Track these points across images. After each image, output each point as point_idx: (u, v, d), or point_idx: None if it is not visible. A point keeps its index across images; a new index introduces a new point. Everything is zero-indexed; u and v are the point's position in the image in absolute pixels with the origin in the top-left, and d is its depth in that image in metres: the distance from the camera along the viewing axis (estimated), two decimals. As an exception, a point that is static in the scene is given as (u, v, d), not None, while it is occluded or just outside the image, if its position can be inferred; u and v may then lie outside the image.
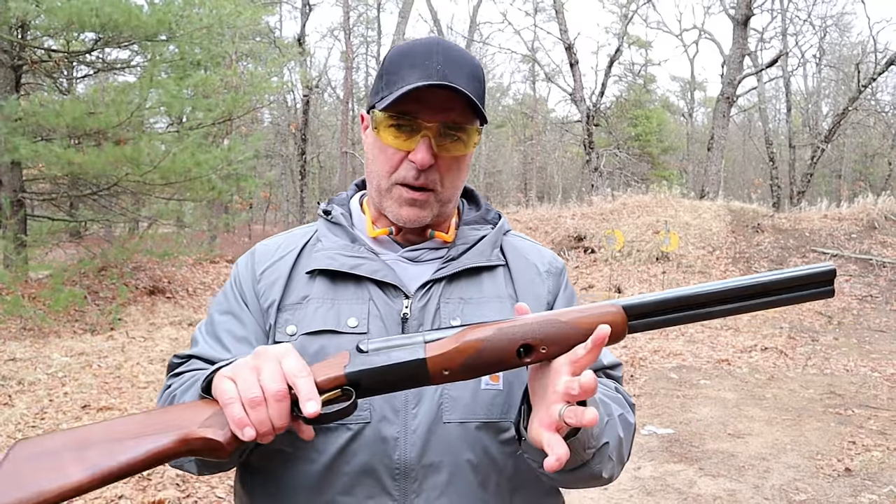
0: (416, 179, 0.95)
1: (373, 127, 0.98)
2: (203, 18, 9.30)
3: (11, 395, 5.31)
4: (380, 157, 0.98)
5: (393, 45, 0.79)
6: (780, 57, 19.74)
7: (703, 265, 12.68)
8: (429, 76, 0.91)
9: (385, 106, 0.93)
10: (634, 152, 25.94)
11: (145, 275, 10.14)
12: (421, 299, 0.97)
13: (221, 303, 1.04)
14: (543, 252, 1.11)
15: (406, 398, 0.92)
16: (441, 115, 0.93)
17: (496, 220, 1.11)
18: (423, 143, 0.93)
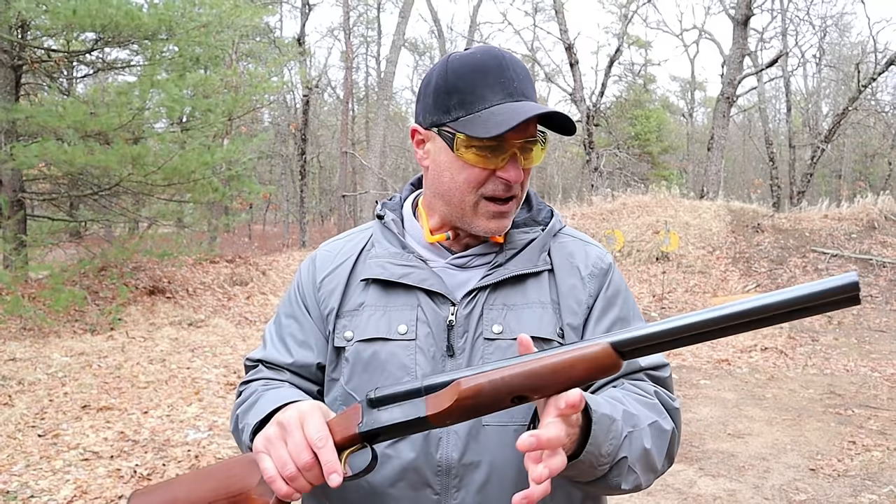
0: (506, 191, 0.99)
1: (453, 148, 0.98)
2: (202, 17, 9.30)
3: (11, 395, 5.31)
4: (462, 175, 0.99)
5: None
6: (780, 57, 19.74)
7: (703, 265, 12.68)
8: (510, 94, 0.96)
9: (483, 136, 0.94)
10: (634, 152, 25.93)
11: (145, 275, 10.14)
12: (466, 306, 1.01)
13: (286, 306, 1.13)
14: (589, 252, 1.10)
15: None
16: (523, 134, 0.96)
17: (547, 219, 1.12)
18: (512, 161, 0.97)
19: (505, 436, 0.97)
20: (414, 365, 0.99)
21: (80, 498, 3.55)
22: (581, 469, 0.83)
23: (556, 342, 1.00)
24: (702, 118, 36.88)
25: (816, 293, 0.65)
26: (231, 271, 11.68)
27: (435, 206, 1.05)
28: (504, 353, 0.99)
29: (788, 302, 0.66)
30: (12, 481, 3.70)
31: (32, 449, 4.19)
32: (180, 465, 3.99)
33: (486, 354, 1.00)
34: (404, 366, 0.99)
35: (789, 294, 0.66)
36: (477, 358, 1.00)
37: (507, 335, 0.99)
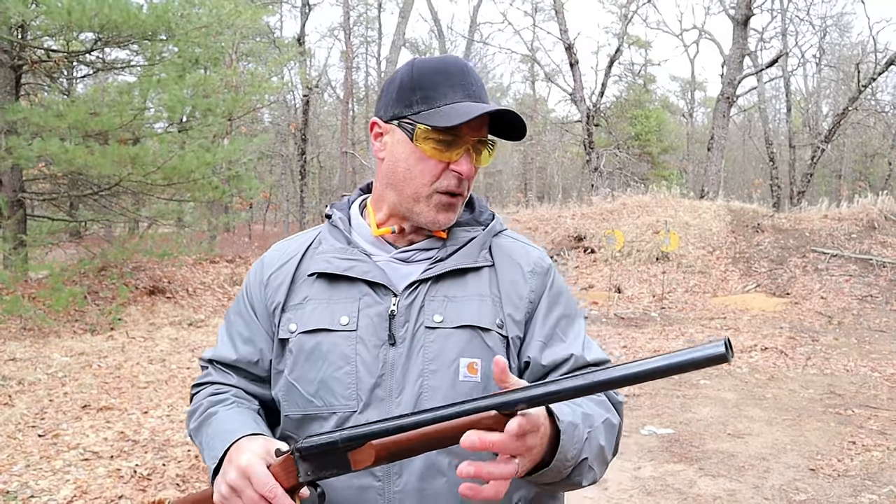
0: (458, 187, 1.06)
1: (412, 138, 1.04)
2: (202, 17, 9.30)
3: (11, 395, 5.31)
4: (418, 167, 1.05)
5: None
6: (780, 57, 19.74)
7: (703, 265, 12.68)
8: (469, 95, 1.04)
9: (421, 119, 1.03)
10: (634, 152, 25.94)
11: (145, 275, 10.14)
12: (408, 297, 1.05)
13: (235, 304, 1.18)
14: (530, 252, 1.16)
15: (391, 388, 1.01)
16: (478, 133, 1.04)
17: (488, 221, 1.17)
18: (466, 156, 1.04)
19: None
20: (354, 355, 1.02)
21: (80, 498, 3.55)
22: (547, 475, 0.87)
23: (496, 331, 1.05)
24: (702, 118, 36.90)
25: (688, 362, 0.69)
26: (231, 271, 11.68)
27: (385, 197, 1.11)
28: (445, 341, 1.03)
29: (662, 369, 0.71)
30: (12, 481, 3.70)
31: (32, 449, 4.19)
32: (180, 465, 3.99)
33: (427, 343, 1.03)
34: (345, 356, 1.02)
35: (664, 362, 0.71)
36: (418, 346, 1.03)
37: (448, 324, 1.03)
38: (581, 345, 1.08)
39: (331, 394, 1.03)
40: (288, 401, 1.06)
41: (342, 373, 1.02)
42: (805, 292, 11.29)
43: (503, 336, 1.05)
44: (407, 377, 1.01)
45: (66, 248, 10.79)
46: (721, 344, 0.67)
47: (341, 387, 1.02)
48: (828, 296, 11.02)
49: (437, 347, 1.03)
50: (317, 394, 1.03)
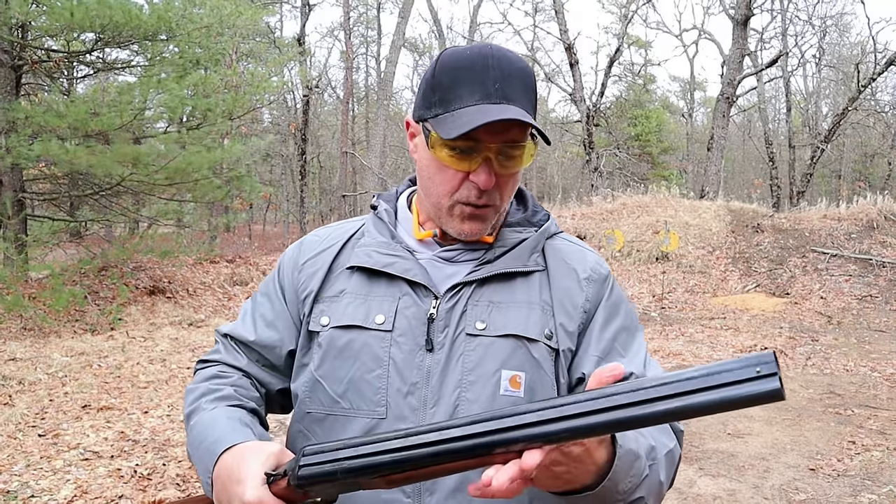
0: (479, 199, 0.95)
1: (429, 145, 0.95)
2: (203, 18, 9.30)
3: (12, 394, 5.32)
4: (438, 176, 0.97)
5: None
6: (780, 57, 19.74)
7: (703, 265, 12.68)
8: (488, 96, 0.91)
9: (450, 137, 0.91)
10: (634, 152, 25.95)
11: (145, 275, 10.15)
12: (449, 301, 0.97)
13: (265, 284, 1.12)
14: (587, 257, 1.07)
15: (425, 398, 0.94)
16: (500, 137, 0.91)
17: (543, 221, 1.07)
18: (484, 166, 0.93)
19: None
20: (387, 357, 0.95)
21: (80, 498, 3.55)
22: (590, 500, 0.78)
23: (543, 342, 0.96)
24: (702, 118, 36.90)
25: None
26: (231, 271, 11.68)
27: (422, 200, 1.03)
28: (486, 351, 0.95)
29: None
30: (13, 481, 3.70)
31: (33, 449, 4.20)
32: (180, 464, 3.99)
33: (468, 351, 0.95)
34: (377, 357, 0.96)
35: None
36: (457, 354, 0.95)
37: (491, 332, 0.95)
38: (642, 362, 0.98)
39: (359, 396, 0.96)
40: (311, 398, 1.00)
41: (373, 376, 0.95)
42: (805, 292, 11.29)
43: (552, 348, 0.97)
44: (443, 387, 0.94)
45: (67, 248, 10.80)
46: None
47: (371, 390, 0.95)
48: (827, 296, 11.02)
49: (477, 357, 0.95)
50: (345, 395, 0.97)
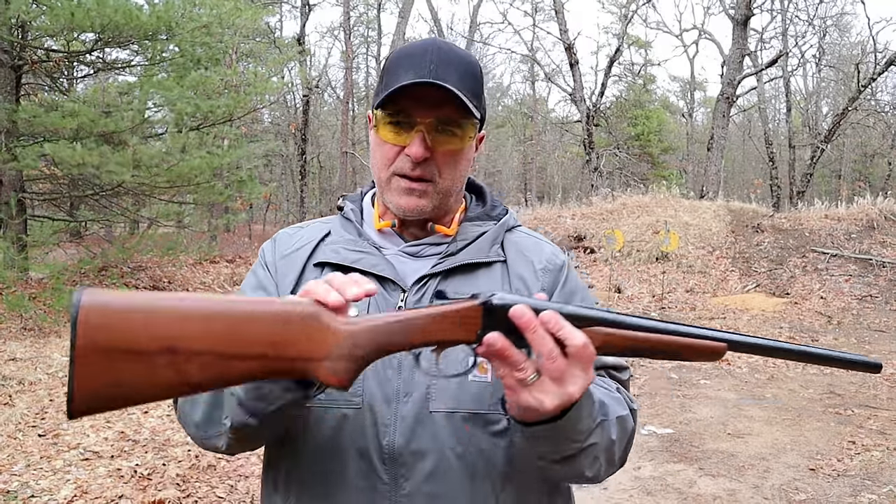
0: (413, 171, 0.99)
1: (373, 125, 1.02)
2: (203, 18, 9.30)
3: (12, 394, 5.32)
4: (378, 151, 1.03)
5: (393, 47, 0.83)
6: (780, 57, 19.74)
7: (703, 265, 12.68)
8: (421, 75, 0.95)
9: (379, 103, 0.98)
10: (634, 152, 25.94)
11: (146, 275, 10.15)
12: (416, 293, 1.01)
13: (250, 281, 1.12)
14: (544, 248, 1.12)
15: (398, 388, 0.97)
16: (434, 112, 0.97)
17: (501, 215, 1.12)
18: (417, 138, 0.97)
19: (453, 422, 0.95)
20: None
21: (80, 498, 3.55)
22: (554, 437, 0.83)
23: None
24: (702, 118, 36.89)
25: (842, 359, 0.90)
26: (231, 271, 11.69)
27: (377, 190, 1.08)
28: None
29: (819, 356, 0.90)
30: (13, 481, 3.70)
31: (33, 449, 4.20)
32: (180, 464, 3.99)
33: None
34: None
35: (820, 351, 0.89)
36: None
37: None
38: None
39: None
40: None
41: None
42: (805, 292, 11.29)
43: None
44: (414, 377, 0.97)
45: (67, 248, 10.80)
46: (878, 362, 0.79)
47: None
48: (827, 296, 11.02)
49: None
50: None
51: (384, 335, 0.71)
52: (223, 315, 0.64)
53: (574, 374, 0.76)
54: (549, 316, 0.74)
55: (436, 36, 0.99)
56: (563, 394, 0.76)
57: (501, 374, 0.76)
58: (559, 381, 0.75)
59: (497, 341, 0.73)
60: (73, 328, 0.57)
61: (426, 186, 1.01)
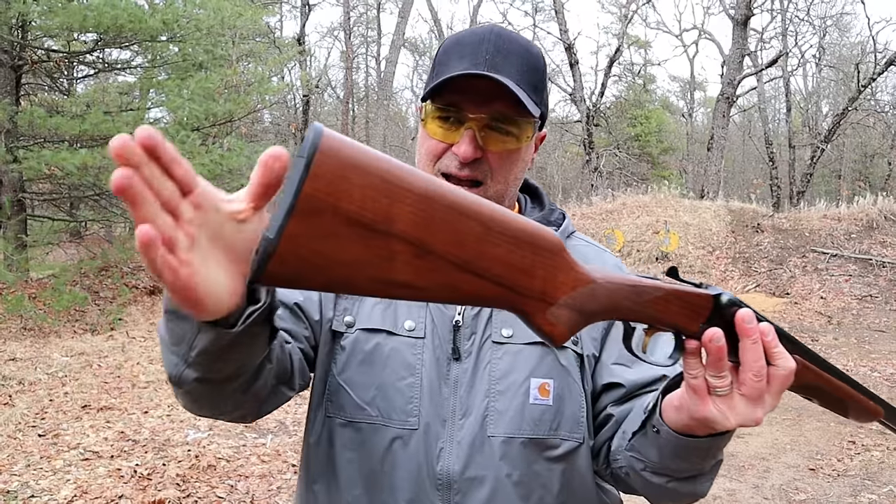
0: (460, 171, 0.90)
1: (421, 118, 0.94)
2: (204, 20, 9.30)
3: (12, 394, 5.32)
4: (423, 146, 0.94)
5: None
6: (780, 57, 19.75)
7: (703, 265, 12.68)
8: (475, 65, 0.88)
9: (427, 95, 0.90)
10: (634, 152, 25.94)
11: (146, 275, 10.15)
12: (474, 307, 0.94)
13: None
14: (606, 259, 1.04)
15: (454, 408, 0.91)
16: (487, 107, 0.89)
17: (560, 221, 1.04)
18: (466, 136, 0.89)
19: (511, 449, 0.90)
20: (420, 365, 0.92)
21: (80, 498, 3.55)
22: (705, 452, 0.76)
23: (571, 348, 0.94)
24: (702, 118, 36.88)
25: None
26: (231, 271, 11.67)
27: None
28: (514, 359, 0.92)
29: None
30: (13, 481, 3.71)
31: (33, 449, 4.20)
32: (180, 464, 3.99)
33: (494, 359, 0.92)
34: (409, 365, 0.92)
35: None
36: (484, 363, 0.92)
37: (518, 339, 0.93)
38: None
39: (389, 404, 0.91)
40: (333, 402, 0.94)
41: (405, 384, 0.91)
42: (805, 292, 11.29)
43: (578, 354, 0.95)
44: (471, 397, 0.91)
45: (67, 249, 10.80)
46: None
47: (402, 399, 0.91)
48: (827, 296, 11.02)
49: (505, 365, 0.92)
50: (373, 402, 0.92)
51: (620, 296, 0.62)
52: (482, 217, 0.51)
53: (767, 398, 0.68)
54: (769, 330, 0.66)
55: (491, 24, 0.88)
56: (749, 415, 0.68)
57: (695, 374, 0.67)
58: (753, 400, 0.67)
59: (721, 339, 0.64)
60: (306, 168, 0.44)
61: (475, 189, 0.91)
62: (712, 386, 0.67)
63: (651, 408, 0.80)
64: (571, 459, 0.93)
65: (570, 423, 0.93)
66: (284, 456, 4.24)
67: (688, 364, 0.68)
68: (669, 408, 0.75)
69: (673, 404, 0.74)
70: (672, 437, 0.76)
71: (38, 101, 10.56)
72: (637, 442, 0.85)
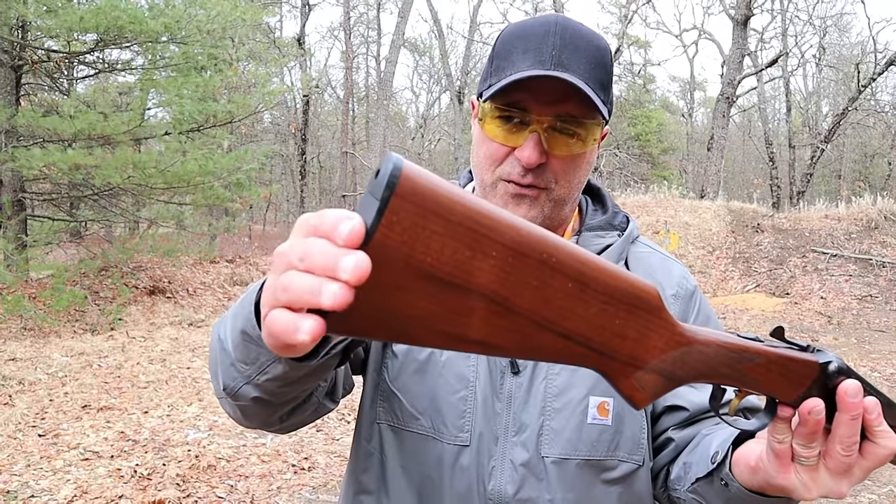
0: (523, 177, 0.84)
1: (479, 117, 0.87)
2: (204, 21, 9.30)
3: (12, 394, 5.32)
4: (482, 148, 0.87)
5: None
6: (780, 57, 19.75)
7: (703, 265, 12.68)
8: (541, 62, 0.80)
9: (490, 96, 0.83)
10: (634, 152, 25.95)
11: (146, 275, 10.15)
12: None
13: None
14: (672, 269, 0.98)
15: (507, 425, 0.86)
16: (554, 108, 0.81)
17: (624, 225, 0.98)
18: (530, 140, 0.82)
19: (566, 470, 0.86)
20: (474, 378, 0.87)
21: (80, 498, 3.55)
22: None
23: None
24: (702, 118, 36.91)
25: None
26: (231, 271, 11.68)
27: (477, 190, 0.93)
28: (572, 375, 0.87)
29: None
30: (13, 481, 3.71)
31: (33, 449, 4.20)
32: (180, 464, 3.99)
33: (551, 374, 0.87)
34: (463, 377, 0.87)
35: None
36: (540, 377, 0.87)
37: None
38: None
39: (440, 418, 0.86)
40: (385, 409, 0.90)
41: (457, 397, 0.86)
42: (805, 292, 11.29)
43: None
44: (525, 413, 0.86)
45: (67, 248, 10.80)
46: None
47: (454, 414, 0.86)
48: (827, 296, 11.02)
49: (563, 381, 0.87)
50: (424, 413, 0.87)
51: (717, 361, 0.56)
52: (577, 273, 0.45)
53: (856, 472, 0.62)
54: (873, 407, 0.61)
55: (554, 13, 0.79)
56: (832, 487, 0.62)
57: (781, 440, 0.61)
58: (839, 474, 0.62)
59: (821, 412, 0.58)
60: (379, 214, 0.38)
61: (538, 193, 0.86)
62: (798, 454, 0.62)
63: (721, 459, 0.75)
64: (630, 482, 0.89)
65: (629, 445, 0.88)
66: (284, 456, 4.24)
67: (776, 428, 0.62)
68: (744, 466, 0.69)
69: (749, 464, 0.68)
70: (743, 495, 0.71)
71: (38, 102, 10.56)
72: (702, 488, 0.80)
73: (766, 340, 0.59)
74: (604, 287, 0.46)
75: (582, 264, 0.45)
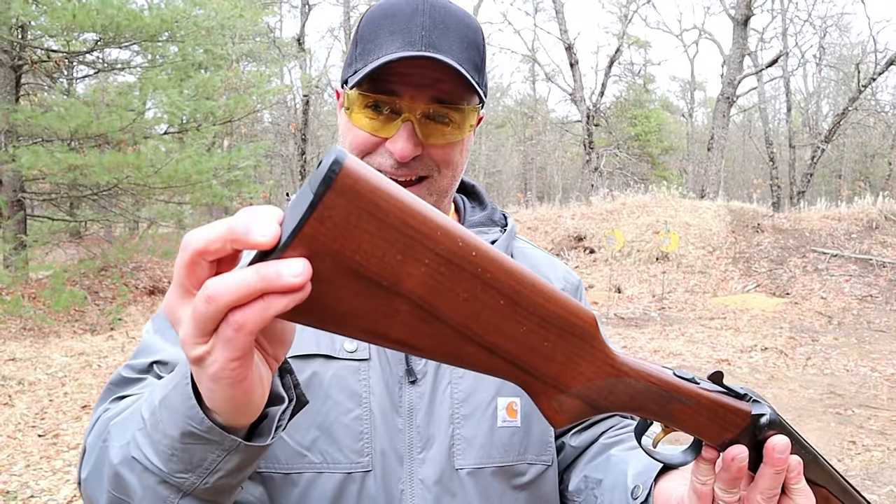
0: (397, 170, 0.78)
1: (345, 107, 0.79)
2: (203, 21, 9.30)
3: (11, 394, 5.32)
4: (346, 138, 0.80)
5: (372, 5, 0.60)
6: (780, 57, 19.75)
7: (703, 265, 12.68)
8: (411, 43, 0.73)
9: (357, 83, 0.76)
10: (634, 152, 25.95)
11: (145, 275, 10.15)
12: None
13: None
14: (556, 266, 0.97)
15: (411, 441, 0.79)
16: (427, 93, 0.76)
17: (503, 221, 0.95)
18: (403, 131, 0.76)
19: (481, 480, 0.80)
20: (368, 394, 0.78)
21: (79, 498, 3.54)
22: None
23: None
24: (702, 118, 36.92)
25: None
26: (231, 271, 11.68)
27: None
28: (477, 378, 0.81)
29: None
30: (12, 481, 3.70)
31: (32, 449, 4.19)
32: (180, 465, 3.99)
33: (455, 379, 0.81)
34: (355, 394, 0.78)
35: None
36: (443, 384, 0.81)
37: None
38: None
39: (335, 446, 0.76)
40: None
41: (351, 417, 0.77)
42: (805, 292, 11.29)
43: None
44: (432, 426, 0.80)
45: (67, 248, 10.80)
46: None
47: (350, 437, 0.77)
48: (828, 296, 11.02)
49: (468, 385, 0.82)
50: (313, 446, 0.76)
51: (644, 395, 0.55)
52: (511, 291, 0.44)
53: None
54: (795, 465, 0.60)
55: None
56: None
57: (703, 482, 0.61)
58: None
59: (744, 460, 0.58)
60: (311, 207, 0.37)
61: (421, 189, 0.80)
62: (719, 498, 0.61)
63: (644, 497, 0.73)
64: (537, 485, 0.85)
65: (537, 446, 0.85)
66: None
67: (699, 469, 0.61)
68: (667, 502, 0.69)
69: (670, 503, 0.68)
70: None
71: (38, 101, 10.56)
72: None
73: (702, 383, 0.59)
74: (537, 308, 0.46)
75: (518, 283, 0.45)
